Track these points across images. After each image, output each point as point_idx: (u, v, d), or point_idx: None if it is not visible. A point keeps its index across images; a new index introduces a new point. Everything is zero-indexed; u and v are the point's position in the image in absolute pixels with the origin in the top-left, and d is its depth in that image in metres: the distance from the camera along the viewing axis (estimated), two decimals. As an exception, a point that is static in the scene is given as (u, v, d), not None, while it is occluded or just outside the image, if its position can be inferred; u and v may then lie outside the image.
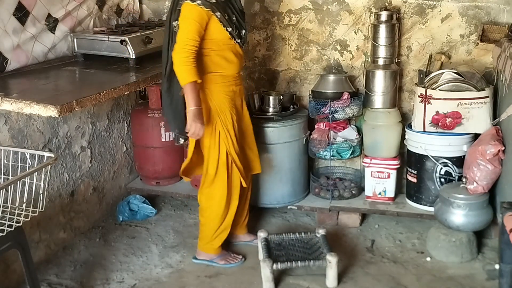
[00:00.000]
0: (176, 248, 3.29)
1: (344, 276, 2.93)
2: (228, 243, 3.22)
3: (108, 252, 3.25)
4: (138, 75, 2.98)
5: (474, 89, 3.15)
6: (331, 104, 3.38)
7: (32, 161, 2.28)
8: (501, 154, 2.98)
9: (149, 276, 3.01)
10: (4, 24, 2.73)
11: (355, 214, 3.51)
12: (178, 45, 2.68)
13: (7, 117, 2.76)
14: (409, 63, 3.55)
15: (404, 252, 3.20)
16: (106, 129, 3.62)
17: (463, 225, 3.06)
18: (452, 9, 3.39)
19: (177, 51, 2.67)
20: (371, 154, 3.49)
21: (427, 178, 3.35)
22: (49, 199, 3.10)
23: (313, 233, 3.05)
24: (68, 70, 3.07)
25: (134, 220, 3.63)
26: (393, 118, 3.45)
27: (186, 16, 2.67)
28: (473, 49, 3.42)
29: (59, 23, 3.13)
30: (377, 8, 3.47)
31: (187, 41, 2.66)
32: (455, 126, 3.20)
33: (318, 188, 3.64)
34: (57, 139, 3.15)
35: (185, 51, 2.65)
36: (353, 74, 3.66)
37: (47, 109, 2.29)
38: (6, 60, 2.79)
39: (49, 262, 3.11)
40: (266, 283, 2.79)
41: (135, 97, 3.93)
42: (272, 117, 3.44)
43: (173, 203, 3.88)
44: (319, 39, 3.67)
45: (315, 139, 3.54)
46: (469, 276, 2.93)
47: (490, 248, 3.17)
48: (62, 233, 3.27)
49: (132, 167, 3.95)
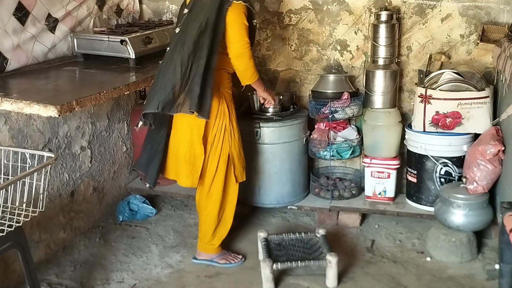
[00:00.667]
0: (176, 248, 3.29)
1: (344, 276, 2.93)
2: (229, 242, 3.23)
3: (108, 252, 3.25)
4: (138, 75, 2.98)
5: (474, 89, 3.15)
6: (331, 104, 3.38)
7: (32, 161, 2.28)
8: (501, 154, 2.99)
9: (149, 276, 3.01)
10: (4, 24, 2.73)
11: (355, 214, 3.51)
12: (241, 45, 2.79)
13: (7, 117, 2.76)
14: (409, 63, 3.55)
15: (404, 252, 3.20)
16: (106, 129, 3.62)
17: (463, 225, 3.06)
18: (452, 9, 3.39)
19: (243, 51, 2.80)
20: (371, 154, 3.49)
21: (427, 178, 3.35)
22: (49, 199, 3.10)
23: (313, 233, 3.06)
24: (68, 70, 3.07)
25: (134, 220, 3.63)
26: (393, 118, 3.45)
27: (241, 16, 2.77)
28: (473, 49, 3.42)
29: (59, 23, 3.13)
30: (377, 8, 3.47)
31: (247, 42, 2.81)
32: (455, 126, 3.20)
33: (318, 188, 3.64)
34: (57, 139, 3.15)
35: (249, 51, 2.81)
36: (353, 74, 3.66)
37: (47, 109, 2.29)
38: (6, 60, 2.79)
39: (49, 262, 3.11)
40: (266, 283, 2.79)
41: (135, 97, 3.93)
42: (272, 117, 3.44)
43: (173, 203, 3.88)
44: (319, 39, 3.67)
45: (315, 139, 3.54)
46: (469, 276, 2.93)
47: (490, 248, 3.17)
48: (62, 233, 3.27)
49: (132, 167, 3.94)
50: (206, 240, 3.07)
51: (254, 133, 3.39)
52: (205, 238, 3.08)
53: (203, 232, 3.09)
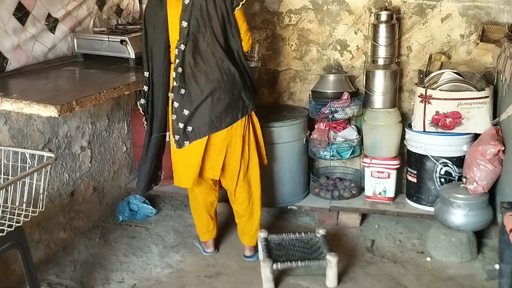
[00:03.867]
0: (176, 248, 3.29)
1: (344, 276, 2.93)
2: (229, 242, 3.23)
3: (108, 252, 3.25)
4: (138, 75, 2.97)
5: (474, 89, 3.15)
6: (331, 104, 3.38)
7: (32, 161, 2.28)
8: (501, 154, 2.99)
9: (149, 276, 3.01)
10: (4, 24, 2.73)
11: (355, 214, 3.51)
12: (248, 36, 2.86)
13: (7, 117, 2.76)
14: (409, 63, 3.55)
15: (404, 252, 3.20)
16: (106, 129, 3.62)
17: (463, 225, 3.06)
18: (452, 9, 3.39)
19: (249, 40, 2.87)
20: (371, 154, 3.49)
21: (427, 178, 3.35)
22: (49, 199, 3.10)
23: (313, 233, 3.05)
24: (68, 70, 3.07)
25: (134, 220, 3.64)
26: (393, 118, 3.45)
27: (243, 13, 2.82)
28: (473, 49, 3.42)
29: (59, 23, 3.13)
30: (377, 8, 3.47)
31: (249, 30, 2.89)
32: (455, 126, 3.20)
33: (318, 188, 3.64)
34: (57, 139, 3.15)
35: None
36: (353, 74, 3.66)
37: (47, 109, 2.28)
38: (6, 60, 2.79)
39: (49, 262, 3.11)
40: (266, 283, 2.79)
41: (135, 97, 3.93)
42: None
43: (173, 203, 3.89)
44: (319, 39, 3.67)
45: (315, 139, 3.54)
46: (469, 276, 2.93)
47: (490, 248, 3.17)
48: (62, 233, 3.27)
49: (132, 167, 3.95)
50: (255, 227, 3.08)
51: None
52: (255, 225, 3.08)
53: (254, 222, 3.08)
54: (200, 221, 3.15)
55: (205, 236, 3.18)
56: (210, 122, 2.77)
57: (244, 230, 3.11)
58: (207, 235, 3.17)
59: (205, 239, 3.19)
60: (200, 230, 3.18)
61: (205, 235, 3.18)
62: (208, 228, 3.16)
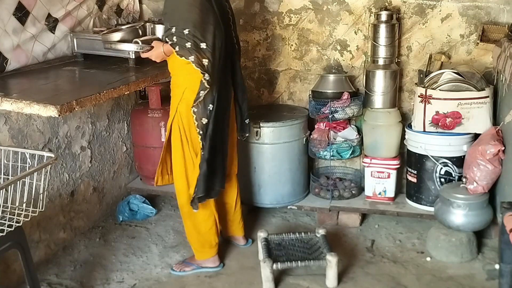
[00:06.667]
0: (176, 248, 3.29)
1: (344, 276, 2.93)
2: (229, 242, 3.25)
3: (108, 252, 3.25)
4: (138, 75, 2.97)
5: (474, 89, 3.15)
6: (331, 104, 3.38)
7: (32, 161, 2.28)
8: (501, 154, 2.98)
9: (149, 276, 3.01)
10: (4, 24, 2.73)
11: (355, 214, 3.51)
12: None
13: (7, 117, 2.76)
14: (409, 63, 3.55)
15: (404, 252, 3.20)
16: (106, 129, 3.62)
17: (463, 225, 3.06)
18: (452, 9, 3.39)
19: None
20: (371, 154, 3.49)
21: (427, 178, 3.35)
22: (49, 199, 3.11)
23: (313, 233, 3.05)
24: (68, 70, 3.07)
25: (134, 220, 3.64)
26: (393, 118, 3.45)
27: None
28: (473, 49, 3.42)
29: (59, 23, 3.13)
30: (377, 8, 3.47)
31: None
32: (455, 126, 3.20)
33: (318, 188, 3.64)
34: (57, 139, 3.15)
35: None
36: (353, 74, 3.66)
37: (47, 109, 2.28)
38: (6, 60, 2.79)
39: (49, 262, 3.11)
40: (266, 283, 2.79)
41: (135, 97, 3.93)
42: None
43: (173, 203, 3.88)
44: (319, 39, 3.67)
45: (315, 139, 3.54)
46: (469, 276, 2.93)
47: (490, 248, 3.17)
48: (62, 233, 3.27)
49: (132, 167, 3.95)
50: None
51: (254, 133, 3.39)
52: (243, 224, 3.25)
53: (240, 222, 3.24)
54: (212, 232, 2.98)
55: (213, 250, 3.01)
56: None
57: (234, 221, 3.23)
58: (215, 248, 3.02)
59: (213, 254, 3.02)
60: (206, 246, 3.00)
61: (213, 249, 3.01)
62: (216, 238, 3.01)
